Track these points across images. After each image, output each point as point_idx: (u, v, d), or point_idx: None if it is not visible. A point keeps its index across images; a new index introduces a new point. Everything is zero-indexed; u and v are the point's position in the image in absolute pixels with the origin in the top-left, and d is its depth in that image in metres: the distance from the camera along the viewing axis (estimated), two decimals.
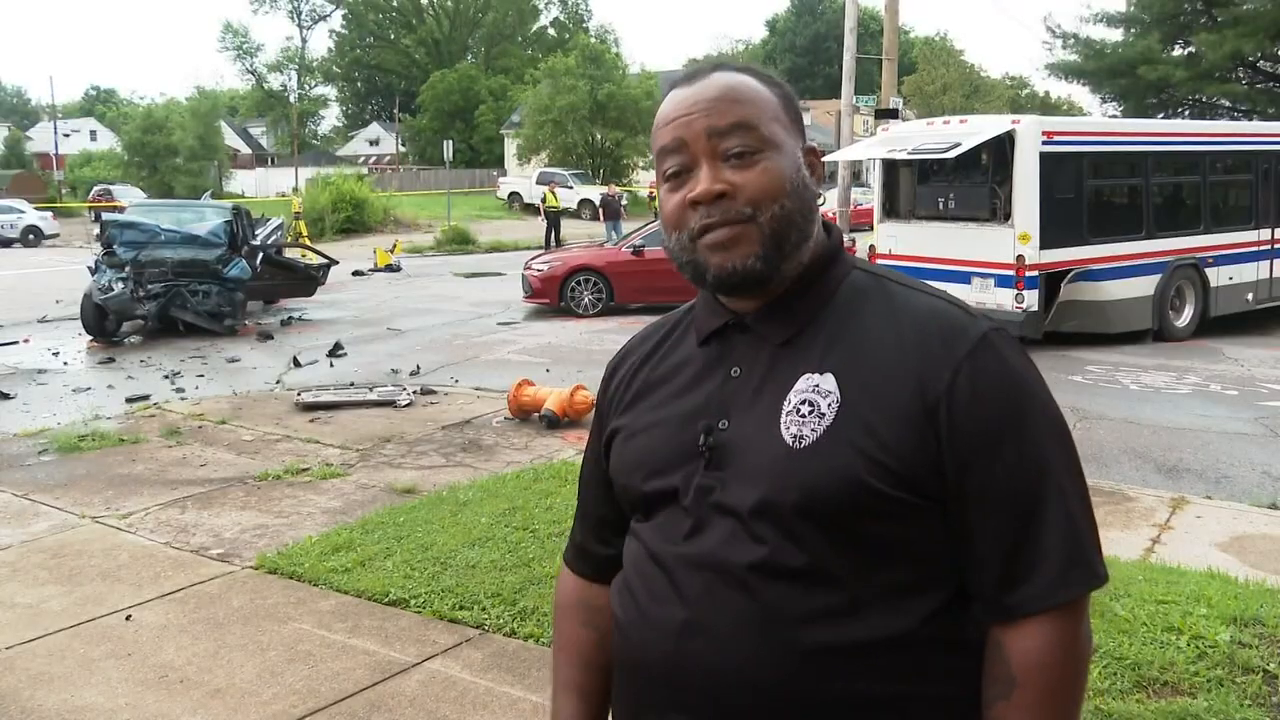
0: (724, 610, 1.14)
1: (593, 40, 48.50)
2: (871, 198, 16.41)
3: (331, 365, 10.56)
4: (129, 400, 8.71)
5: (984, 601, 1.14)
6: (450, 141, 35.30)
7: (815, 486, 1.11)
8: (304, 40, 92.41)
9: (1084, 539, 1.14)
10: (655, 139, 1.23)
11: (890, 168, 11.97)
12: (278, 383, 9.62)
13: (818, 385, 1.15)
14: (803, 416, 1.14)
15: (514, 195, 40.18)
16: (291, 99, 69.44)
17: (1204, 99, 27.74)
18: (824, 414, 1.13)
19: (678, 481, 1.20)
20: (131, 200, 29.48)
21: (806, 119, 1.35)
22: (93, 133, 70.99)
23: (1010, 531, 1.12)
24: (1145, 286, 11.27)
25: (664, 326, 1.36)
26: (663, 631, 1.18)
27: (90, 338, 12.11)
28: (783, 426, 1.15)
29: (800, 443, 1.13)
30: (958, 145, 10.70)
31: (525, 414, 7.55)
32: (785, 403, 1.16)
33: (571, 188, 35.49)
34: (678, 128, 1.19)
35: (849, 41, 17.51)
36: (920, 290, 1.22)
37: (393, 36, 71.43)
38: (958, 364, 1.12)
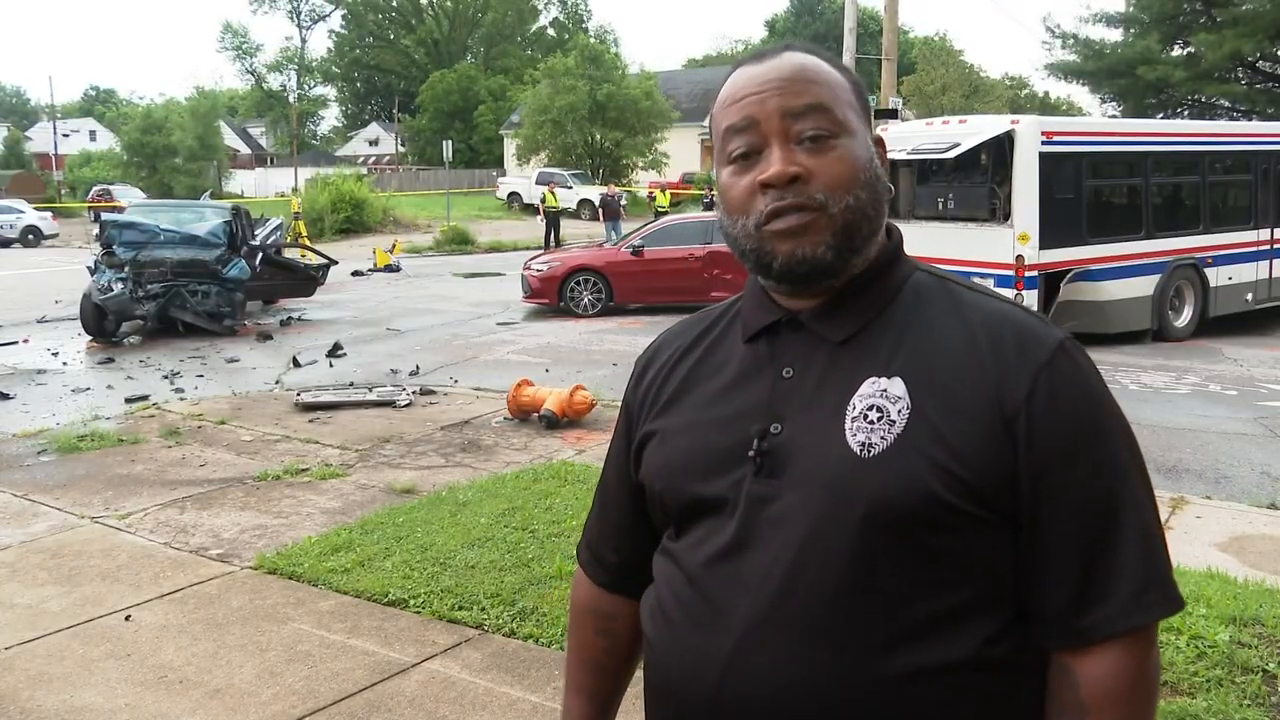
0: (776, 636, 1.07)
1: (592, 40, 48.48)
2: None
3: (331, 365, 10.55)
4: (128, 400, 8.70)
5: (1052, 624, 1.07)
6: (450, 141, 35.28)
7: (885, 498, 1.04)
8: (303, 40, 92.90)
9: (1160, 557, 1.07)
10: (720, 118, 1.15)
11: (889, 168, 11.95)
12: (277, 383, 9.62)
13: (885, 390, 1.08)
14: (871, 423, 1.06)
15: (513, 195, 40.19)
16: (291, 99, 69.50)
17: (1203, 99, 27.77)
18: (894, 420, 1.06)
19: (724, 489, 1.12)
20: (131, 200, 29.48)
21: None
22: (92, 133, 71.02)
23: (1086, 547, 1.05)
24: (1144, 286, 11.28)
25: (703, 321, 1.28)
26: (706, 660, 1.10)
27: (90, 338, 12.11)
28: (848, 433, 1.07)
29: (869, 451, 1.05)
30: (957, 145, 10.71)
31: (525, 414, 7.55)
32: (849, 407, 1.08)
33: (571, 188, 35.50)
34: (748, 106, 1.11)
35: (848, 41, 17.50)
36: (987, 294, 1.15)
37: (392, 37, 71.46)
38: (1036, 372, 1.06)
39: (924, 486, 1.04)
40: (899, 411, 1.06)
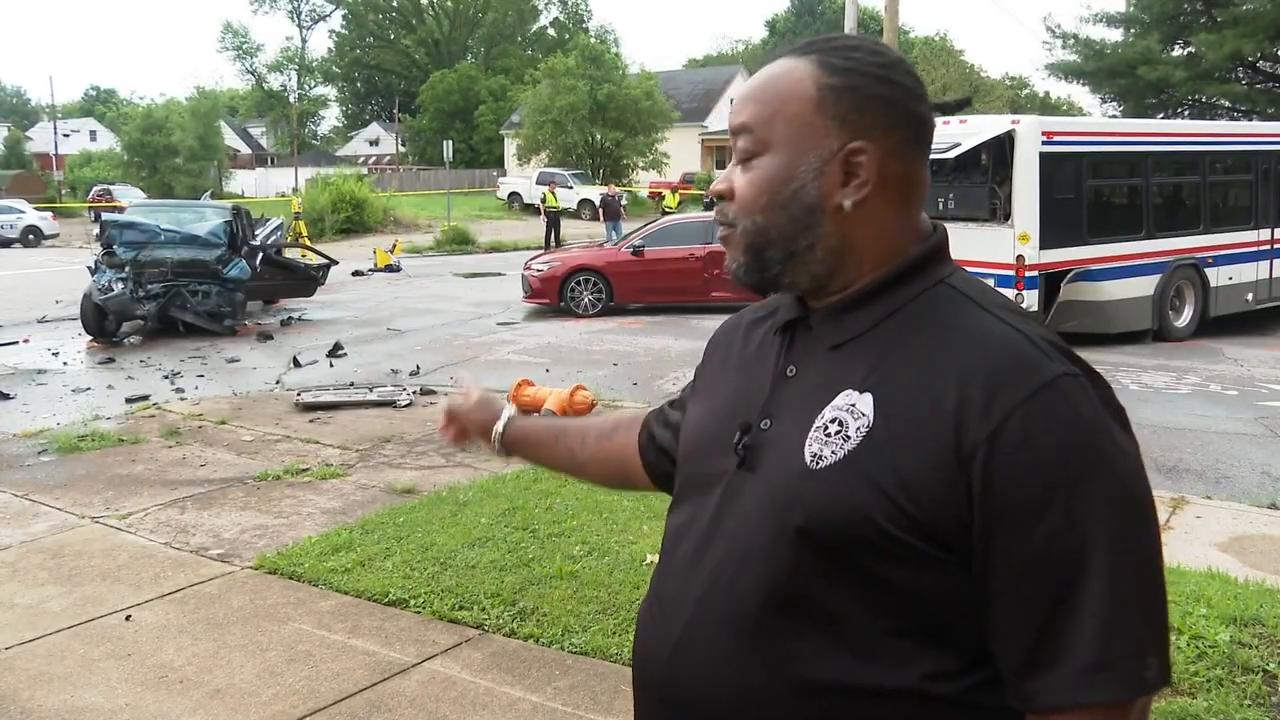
0: (709, 635, 1.08)
1: (593, 40, 48.51)
2: None
3: (331, 365, 10.55)
4: (129, 400, 8.70)
5: (1006, 679, 1.01)
6: (450, 141, 35.30)
7: (820, 513, 1.02)
8: (304, 40, 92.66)
9: (1129, 633, 0.96)
10: None
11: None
12: (277, 383, 9.62)
13: (854, 405, 1.04)
14: (828, 435, 1.04)
15: (514, 195, 40.19)
16: (291, 99, 69.46)
17: (1204, 99, 27.76)
18: (849, 437, 1.03)
19: (712, 476, 1.15)
20: (131, 200, 29.49)
21: None
22: (93, 133, 71.01)
23: (1038, 610, 0.97)
24: (1145, 286, 11.28)
25: (760, 309, 1.29)
26: (659, 648, 1.14)
27: (90, 338, 12.11)
28: (807, 442, 1.06)
29: (817, 463, 1.04)
30: (958, 145, 10.69)
31: (525, 414, 7.54)
32: (819, 416, 1.06)
33: (571, 188, 35.51)
34: (729, 118, 1.18)
35: None
36: (999, 317, 1.05)
37: (393, 37, 71.46)
38: (1010, 409, 0.97)
39: (861, 511, 1.00)
40: (857, 429, 1.03)
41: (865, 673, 1.02)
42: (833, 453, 1.03)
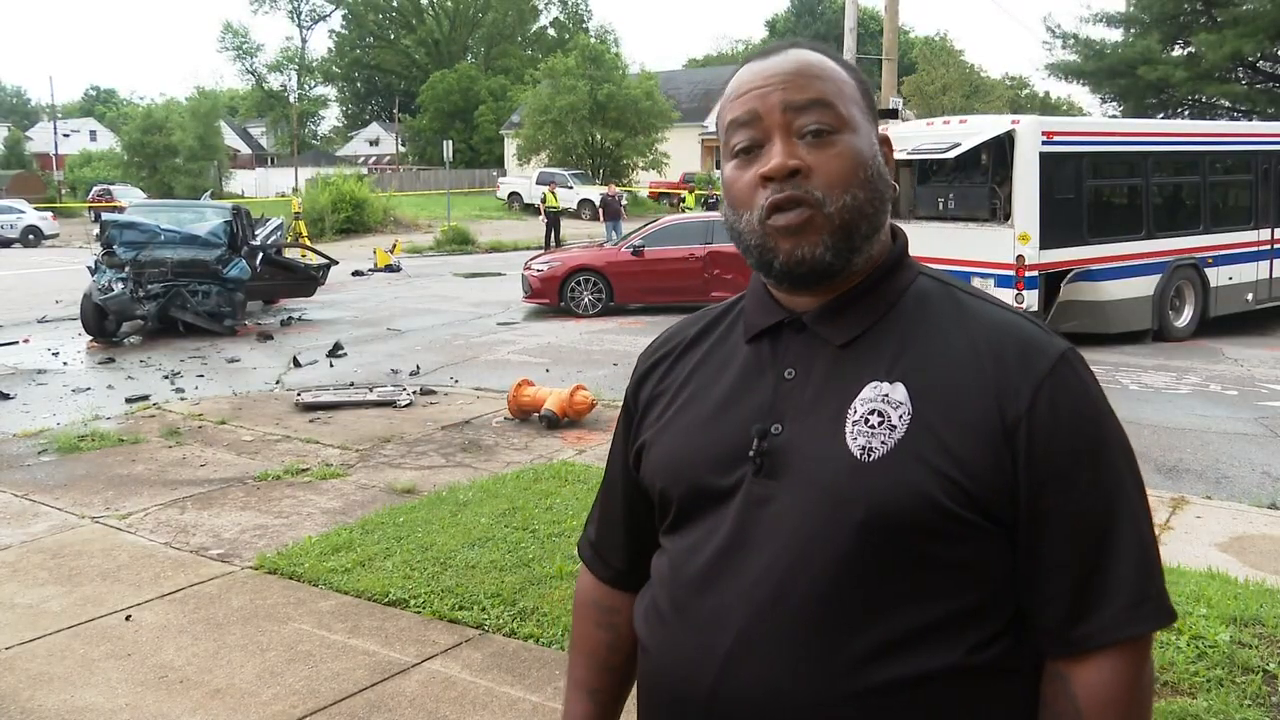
0: (769, 640, 1.06)
1: (593, 40, 48.46)
2: None
3: (331, 365, 10.56)
4: (129, 400, 8.71)
5: (1048, 633, 1.08)
6: (450, 141, 35.27)
7: (884, 503, 1.04)
8: (304, 40, 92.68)
9: (1155, 570, 1.09)
10: (724, 112, 1.15)
11: (894, 167, 11.97)
12: (278, 383, 9.62)
13: (887, 395, 1.07)
14: (872, 428, 1.06)
15: (514, 195, 40.17)
16: (291, 99, 69.41)
17: (1204, 99, 27.75)
18: (895, 426, 1.06)
19: (724, 489, 1.12)
20: (131, 200, 29.50)
21: None
22: (93, 133, 71.04)
23: (1082, 560, 1.06)
24: (1145, 286, 11.28)
25: (704, 319, 1.28)
26: (702, 662, 1.10)
27: (90, 338, 12.11)
28: (849, 437, 1.07)
29: (869, 455, 1.05)
30: (957, 145, 10.71)
31: (525, 414, 7.55)
32: (850, 411, 1.08)
33: (571, 188, 35.49)
34: (751, 100, 1.12)
35: (849, 41, 17.49)
36: (990, 302, 1.15)
37: (393, 37, 71.43)
38: (1038, 383, 1.06)
39: (925, 492, 1.03)
40: (900, 417, 1.06)
41: (921, 660, 1.05)
42: (882, 443, 1.06)
